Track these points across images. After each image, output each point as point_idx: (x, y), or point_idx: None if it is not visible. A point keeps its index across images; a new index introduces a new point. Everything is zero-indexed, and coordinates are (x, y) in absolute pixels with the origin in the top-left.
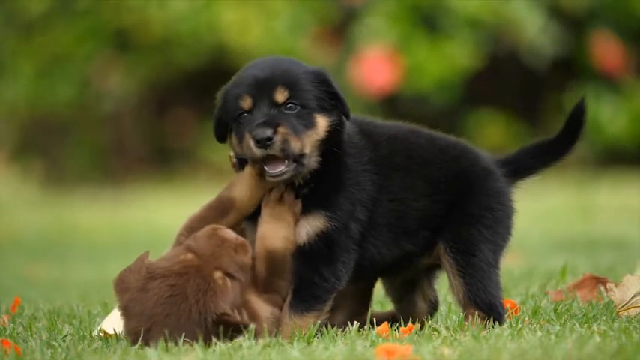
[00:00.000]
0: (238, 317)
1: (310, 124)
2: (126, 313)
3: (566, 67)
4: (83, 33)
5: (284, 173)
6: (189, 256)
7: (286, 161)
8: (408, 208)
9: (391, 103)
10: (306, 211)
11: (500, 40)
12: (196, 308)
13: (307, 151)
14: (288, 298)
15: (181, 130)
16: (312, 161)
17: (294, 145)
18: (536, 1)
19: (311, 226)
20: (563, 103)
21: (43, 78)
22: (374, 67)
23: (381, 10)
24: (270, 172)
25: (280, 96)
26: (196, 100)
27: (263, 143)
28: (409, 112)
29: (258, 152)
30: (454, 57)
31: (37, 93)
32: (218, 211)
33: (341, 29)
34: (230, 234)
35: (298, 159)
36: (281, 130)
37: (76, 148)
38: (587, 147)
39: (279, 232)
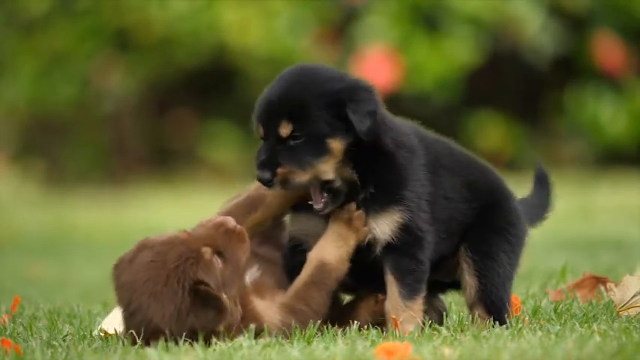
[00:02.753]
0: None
1: (322, 152)
2: (115, 286)
3: (566, 67)
4: (83, 33)
5: (326, 207)
6: (184, 233)
7: (324, 194)
8: (456, 210)
9: (392, 103)
10: (380, 210)
11: (501, 39)
12: (174, 274)
13: (330, 176)
14: (395, 288)
15: (181, 130)
16: (346, 174)
17: (300, 180)
18: (537, 0)
19: (390, 221)
20: (563, 103)
21: (43, 78)
22: (374, 67)
23: (381, 9)
24: (316, 207)
25: (284, 130)
26: (196, 100)
27: (265, 184)
28: (410, 111)
29: (265, 189)
30: (454, 56)
31: (37, 93)
32: (246, 208)
33: (341, 29)
34: (230, 221)
35: (329, 186)
36: (280, 170)
37: (76, 148)
38: (587, 146)
39: (338, 251)
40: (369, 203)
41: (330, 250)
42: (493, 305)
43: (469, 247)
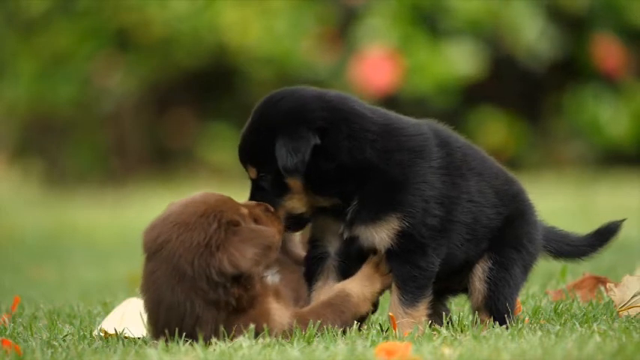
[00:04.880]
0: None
1: (284, 190)
2: (144, 232)
3: (566, 68)
4: (83, 33)
5: (289, 231)
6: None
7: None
8: (481, 214)
9: (392, 104)
10: (376, 218)
11: (500, 42)
12: (212, 210)
13: (302, 211)
14: (396, 296)
15: (181, 130)
16: (320, 203)
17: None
18: (536, 3)
19: (387, 229)
20: (563, 104)
21: (44, 78)
22: (375, 68)
23: (381, 10)
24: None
25: (251, 174)
26: (196, 100)
27: None
28: (410, 112)
29: None
30: (454, 59)
31: (37, 93)
32: None
33: (341, 29)
34: (269, 205)
35: (301, 217)
36: None
37: (76, 148)
38: (587, 147)
39: (362, 289)
40: (362, 213)
41: (355, 285)
42: (498, 313)
43: (488, 255)
